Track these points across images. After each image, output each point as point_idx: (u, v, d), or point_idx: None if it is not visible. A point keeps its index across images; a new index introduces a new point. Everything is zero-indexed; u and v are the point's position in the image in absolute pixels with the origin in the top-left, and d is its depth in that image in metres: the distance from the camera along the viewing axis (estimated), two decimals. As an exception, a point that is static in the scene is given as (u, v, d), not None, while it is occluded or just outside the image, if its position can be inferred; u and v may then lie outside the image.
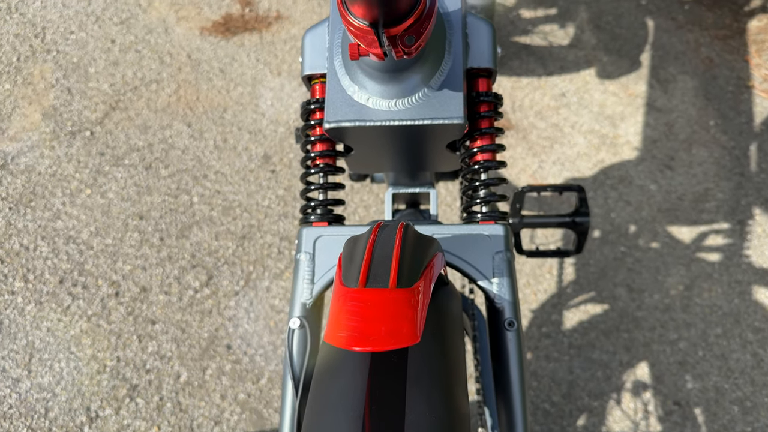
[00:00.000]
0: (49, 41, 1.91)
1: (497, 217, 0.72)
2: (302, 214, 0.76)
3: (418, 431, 0.47)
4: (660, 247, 1.60)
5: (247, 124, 1.76)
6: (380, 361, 0.49)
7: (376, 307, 0.43)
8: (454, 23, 0.71)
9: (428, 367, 0.51)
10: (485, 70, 0.72)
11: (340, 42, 0.70)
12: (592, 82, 2.02)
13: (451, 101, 0.68)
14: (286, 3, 2.16)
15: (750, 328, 1.47)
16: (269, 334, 1.37)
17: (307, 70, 0.75)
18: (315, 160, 0.76)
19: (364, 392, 0.47)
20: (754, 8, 2.32)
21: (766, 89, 2.04)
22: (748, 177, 1.78)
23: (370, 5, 0.51)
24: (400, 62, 0.63)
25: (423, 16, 0.54)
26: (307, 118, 0.76)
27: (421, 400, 0.48)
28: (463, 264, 0.70)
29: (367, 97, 0.68)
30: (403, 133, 0.70)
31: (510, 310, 0.69)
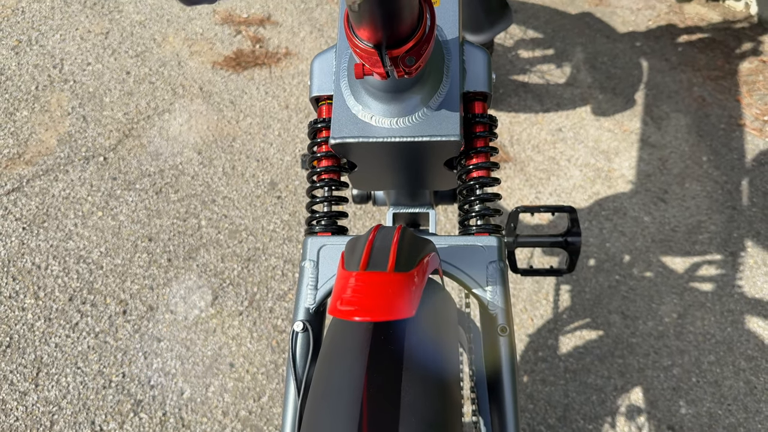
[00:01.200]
0: (67, 72, 2.00)
1: (491, 229, 0.77)
2: (307, 225, 0.80)
3: (413, 412, 0.50)
4: (654, 276, 1.64)
5: (255, 153, 1.83)
6: (378, 352, 0.53)
7: (376, 286, 0.48)
8: (452, 50, 0.77)
9: (423, 361, 0.55)
10: (481, 93, 0.78)
11: (346, 66, 0.76)
12: (588, 119, 2.09)
13: (448, 120, 0.73)
14: (294, 41, 2.26)
15: (743, 356, 1.50)
16: (271, 354, 1.40)
17: (315, 92, 0.80)
18: (320, 175, 0.80)
19: (362, 379, 0.51)
20: (744, 51, 2.42)
21: (757, 127, 2.11)
22: (740, 210, 1.83)
23: (375, 30, 0.57)
24: (402, 83, 0.69)
25: (422, 40, 0.60)
26: (314, 136, 0.81)
27: (416, 385, 0.52)
28: (459, 273, 0.74)
29: (370, 116, 0.73)
30: (403, 149, 0.75)
31: (503, 316, 0.72)
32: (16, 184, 1.66)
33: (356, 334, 0.56)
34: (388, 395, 0.51)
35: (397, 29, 0.57)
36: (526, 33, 2.47)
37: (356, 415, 0.50)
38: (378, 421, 0.50)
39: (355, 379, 0.52)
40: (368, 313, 0.46)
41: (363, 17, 0.56)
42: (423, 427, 0.50)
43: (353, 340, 0.56)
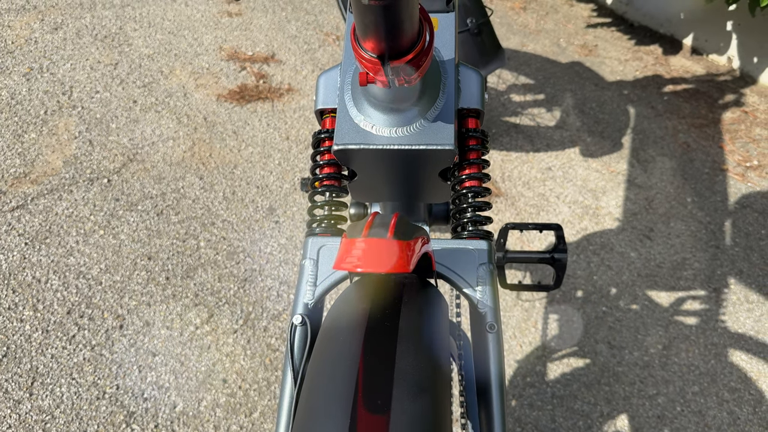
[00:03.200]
0: (76, 98, 2.07)
1: (482, 234, 0.82)
2: (308, 227, 0.85)
3: (406, 378, 0.54)
4: (639, 309, 1.68)
5: (255, 180, 1.89)
6: (374, 329, 0.57)
7: (377, 247, 0.52)
8: (448, 69, 0.84)
9: (417, 336, 0.59)
10: (474, 110, 0.84)
11: (350, 80, 0.83)
12: (576, 159, 2.17)
13: (443, 131, 0.79)
14: (296, 78, 2.35)
15: (726, 387, 1.53)
16: (264, 371, 1.42)
17: (320, 104, 0.87)
18: (322, 182, 0.86)
19: (359, 349, 0.55)
20: (727, 102, 2.53)
21: (739, 173, 2.20)
22: (723, 250, 1.89)
23: (379, 42, 0.63)
24: (402, 95, 0.75)
25: (421, 53, 0.67)
26: (317, 146, 0.87)
27: (409, 356, 0.56)
28: (451, 273, 0.78)
29: (371, 125, 0.79)
30: (401, 157, 0.80)
31: (491, 314, 0.76)
32: (21, 201, 1.71)
33: (354, 314, 0.61)
34: (382, 363, 0.55)
35: (399, 42, 0.63)
36: (518, 78, 2.58)
37: (353, 380, 0.53)
38: (373, 385, 0.53)
39: (352, 350, 0.56)
40: (370, 266, 0.50)
41: (368, 30, 0.63)
42: (415, 390, 0.54)
43: (350, 321, 0.60)
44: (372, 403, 0.51)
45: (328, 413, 0.51)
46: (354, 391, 0.52)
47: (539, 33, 2.90)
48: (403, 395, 0.53)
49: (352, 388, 0.52)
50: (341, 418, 0.49)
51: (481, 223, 0.84)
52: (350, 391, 0.52)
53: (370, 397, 0.51)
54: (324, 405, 0.52)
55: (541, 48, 2.79)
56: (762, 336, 1.65)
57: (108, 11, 2.52)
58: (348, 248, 0.54)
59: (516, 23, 2.95)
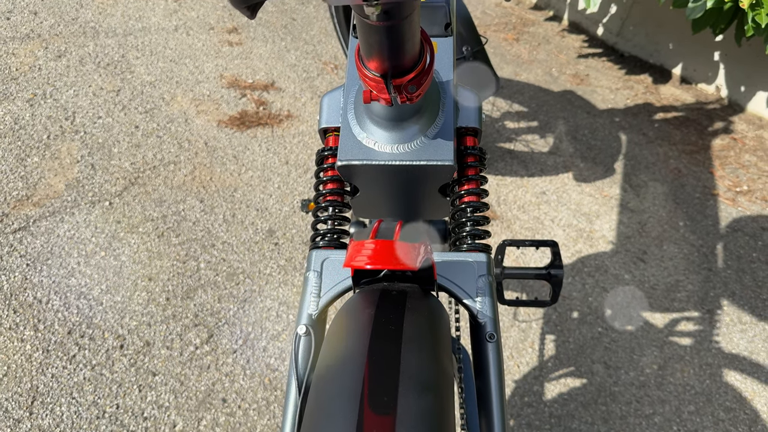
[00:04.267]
0: (78, 123, 2.10)
1: (481, 247, 0.85)
2: (312, 241, 0.87)
3: (410, 378, 0.56)
4: (635, 330, 1.71)
5: (255, 203, 1.92)
6: (379, 332, 0.59)
7: (385, 246, 0.55)
8: (447, 89, 0.88)
9: (421, 337, 0.62)
10: (472, 129, 0.88)
11: (353, 100, 0.87)
12: (570, 184, 2.21)
13: (443, 147, 0.82)
14: (296, 105, 2.40)
15: (722, 407, 1.54)
16: (263, 390, 1.43)
17: (324, 123, 0.90)
18: (326, 197, 0.89)
19: (365, 351, 0.57)
20: (716, 129, 2.59)
21: (730, 197, 2.24)
22: (716, 272, 1.92)
23: (382, 61, 0.67)
24: (403, 113, 0.79)
25: (422, 72, 0.71)
26: (321, 163, 0.90)
27: (413, 356, 0.58)
28: (451, 285, 0.81)
29: (374, 142, 0.82)
30: (402, 172, 0.84)
31: (491, 325, 0.78)
32: (23, 223, 1.73)
33: (359, 320, 0.63)
34: (388, 366, 0.57)
35: (401, 62, 0.67)
36: (511, 106, 2.63)
37: (359, 380, 0.55)
38: (378, 386, 0.55)
39: (357, 354, 0.58)
40: (379, 264, 0.53)
41: (373, 50, 0.67)
42: (419, 390, 0.56)
43: (356, 326, 0.62)
44: (378, 404, 0.52)
45: (335, 415, 0.53)
46: (360, 393, 0.53)
47: (532, 63, 2.97)
48: (408, 395, 0.55)
49: (359, 389, 0.54)
50: (348, 419, 0.51)
51: (480, 237, 0.86)
52: (357, 392, 0.53)
53: (376, 398, 0.53)
54: (331, 407, 0.54)
55: (534, 77, 2.85)
56: (755, 356, 1.67)
57: (111, 40, 2.57)
58: (357, 249, 0.56)
59: (509, 53, 3.02)
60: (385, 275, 0.75)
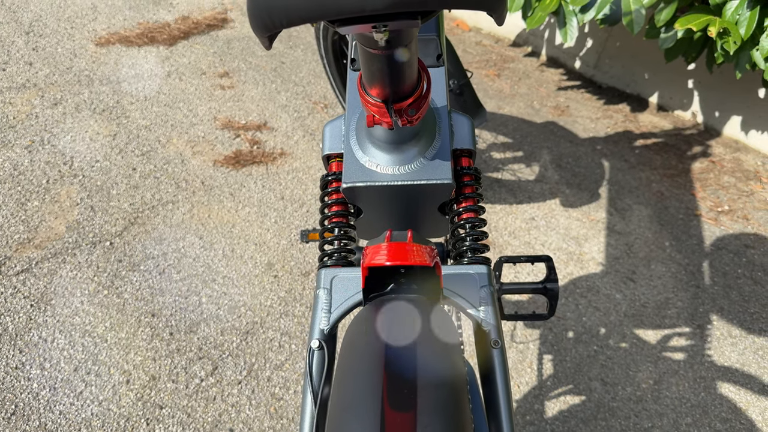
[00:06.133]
0: (76, 167, 2.15)
1: (481, 260, 0.90)
2: (320, 261, 0.92)
3: (427, 380, 0.60)
4: (629, 347, 1.75)
5: (253, 237, 1.96)
6: (392, 364, 0.62)
7: (401, 247, 0.60)
8: (442, 114, 0.95)
9: (435, 369, 0.65)
10: (467, 150, 0.94)
11: (355, 127, 0.93)
12: (557, 210, 2.28)
13: (441, 167, 0.88)
14: (288, 143, 2.46)
15: (718, 418, 1.58)
16: (269, 419, 1.45)
17: (327, 150, 0.96)
18: (331, 219, 0.94)
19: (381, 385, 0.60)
20: (695, 153, 2.69)
21: (712, 217, 2.32)
22: (704, 289, 1.98)
23: (383, 88, 0.74)
24: (403, 137, 0.85)
25: (421, 96, 0.77)
26: (325, 187, 0.95)
27: (430, 390, 0.61)
28: (455, 296, 0.85)
29: (376, 165, 0.88)
30: (404, 192, 0.89)
31: (495, 332, 0.83)
32: (26, 265, 1.75)
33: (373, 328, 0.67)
34: (405, 365, 0.60)
35: (401, 87, 0.73)
36: (497, 138, 2.72)
37: (379, 381, 0.58)
38: (398, 387, 0.58)
39: (375, 356, 0.61)
40: (398, 260, 0.57)
41: (375, 78, 0.73)
42: (436, 385, 0.59)
43: (370, 353, 0.66)
44: (398, 402, 0.56)
45: (358, 415, 0.56)
46: (380, 393, 0.57)
47: (514, 96, 3.07)
48: (426, 392, 0.58)
49: (379, 390, 0.57)
50: (371, 418, 0.55)
51: (480, 251, 0.92)
52: (377, 392, 0.57)
53: (396, 396, 0.57)
54: (354, 409, 0.57)
55: (517, 110, 2.95)
56: (747, 368, 1.72)
57: (105, 87, 2.64)
58: (375, 251, 0.61)
59: (491, 89, 3.13)
60: (393, 289, 0.79)
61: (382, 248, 0.61)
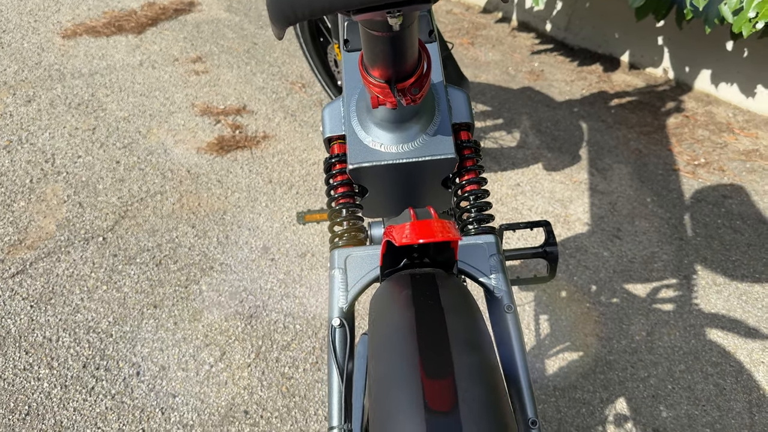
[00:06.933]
0: (59, 165, 2.13)
1: (488, 230, 0.93)
2: (331, 242, 0.94)
3: (460, 345, 0.63)
4: (620, 302, 1.81)
5: (246, 222, 1.97)
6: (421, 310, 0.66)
7: (429, 224, 0.62)
8: (439, 90, 0.97)
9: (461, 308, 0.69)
10: (465, 124, 0.96)
11: (354, 108, 0.94)
12: (541, 174, 2.33)
13: (443, 142, 0.91)
14: (270, 125, 2.46)
15: (709, 362, 1.66)
16: (282, 398, 1.48)
17: (328, 133, 0.97)
18: (338, 200, 0.96)
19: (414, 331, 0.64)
20: (669, 109, 2.74)
21: (689, 171, 2.38)
22: (687, 241, 2.05)
23: (387, 69, 0.75)
24: (404, 115, 0.87)
25: (423, 75, 0.79)
26: (329, 170, 0.97)
27: (459, 325, 0.65)
28: (467, 267, 0.88)
29: (380, 144, 0.90)
30: (408, 169, 0.91)
31: (507, 297, 0.86)
32: (20, 267, 1.74)
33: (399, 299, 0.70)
34: (436, 331, 0.63)
35: (404, 67, 0.75)
36: (476, 107, 2.75)
37: (414, 351, 0.61)
38: (432, 352, 0.61)
39: (406, 326, 0.64)
40: (429, 237, 0.60)
41: (377, 59, 0.75)
42: (469, 350, 0.63)
43: (398, 303, 0.69)
44: (435, 369, 0.59)
45: (399, 386, 0.58)
46: (417, 362, 0.59)
47: (489, 64, 3.09)
48: (461, 357, 0.61)
49: (415, 359, 0.60)
50: (413, 388, 0.57)
51: (485, 221, 0.95)
52: (414, 362, 0.60)
53: (432, 364, 0.59)
54: (393, 379, 0.60)
55: (493, 77, 2.98)
56: (732, 313, 1.80)
57: (77, 80, 2.59)
58: (401, 230, 0.63)
59: (466, 57, 3.14)
60: (406, 264, 0.82)
61: (407, 227, 0.64)
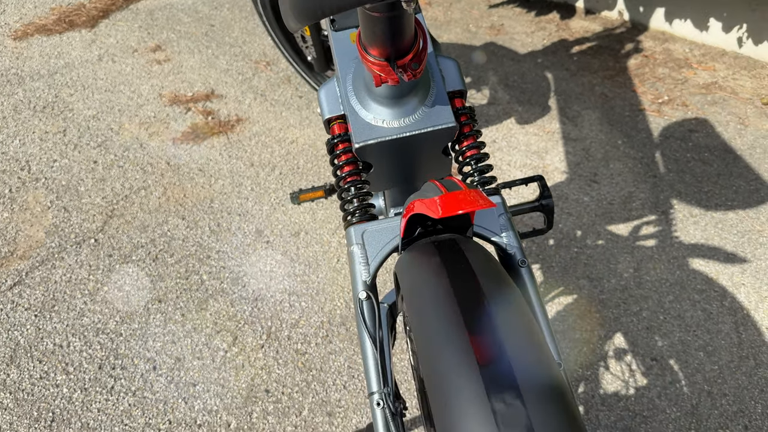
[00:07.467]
0: (36, 171, 2.09)
1: (493, 191, 0.97)
2: (345, 220, 0.97)
3: (497, 300, 0.67)
4: (605, 243, 1.90)
5: (235, 208, 1.98)
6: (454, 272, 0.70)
7: (464, 194, 0.66)
8: (431, 61, 1.00)
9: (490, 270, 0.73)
10: (458, 91, 1.00)
11: (352, 87, 0.97)
12: (515, 128, 2.38)
13: (443, 112, 0.94)
14: (242, 108, 2.45)
15: (695, 290, 1.76)
16: (300, 373, 1.53)
17: (327, 114, 1.00)
18: (346, 179, 0.99)
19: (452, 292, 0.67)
20: (628, 50, 2.81)
21: (655, 110, 2.47)
22: (660, 177, 2.14)
23: (386, 47, 0.78)
24: (402, 90, 0.90)
25: (420, 49, 0.83)
26: (332, 150, 1.00)
27: (491, 282, 0.69)
28: (479, 229, 0.93)
29: (382, 120, 0.93)
30: (411, 141, 0.95)
31: (519, 252, 0.91)
32: (16, 278, 1.74)
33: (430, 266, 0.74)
34: (474, 292, 0.67)
35: (401, 45, 0.78)
36: (443, 67, 2.77)
37: (457, 313, 0.65)
38: (475, 311, 0.65)
39: (444, 291, 0.68)
40: (468, 207, 0.63)
41: (376, 39, 0.78)
42: (506, 306, 0.67)
43: (429, 269, 0.73)
44: (480, 328, 0.63)
45: (450, 346, 0.62)
46: (462, 324, 0.63)
47: (449, 23, 3.11)
48: (501, 314, 0.65)
49: (460, 322, 0.63)
50: (463, 346, 0.61)
51: (489, 183, 0.99)
52: (459, 323, 0.63)
53: (477, 325, 0.63)
54: (441, 342, 0.63)
55: (455, 36, 3.00)
56: (711, 242, 1.90)
57: (38, 82, 2.53)
58: (433, 203, 0.67)
59: (426, 18, 3.15)
60: (421, 233, 0.86)
61: (444, 198, 0.67)
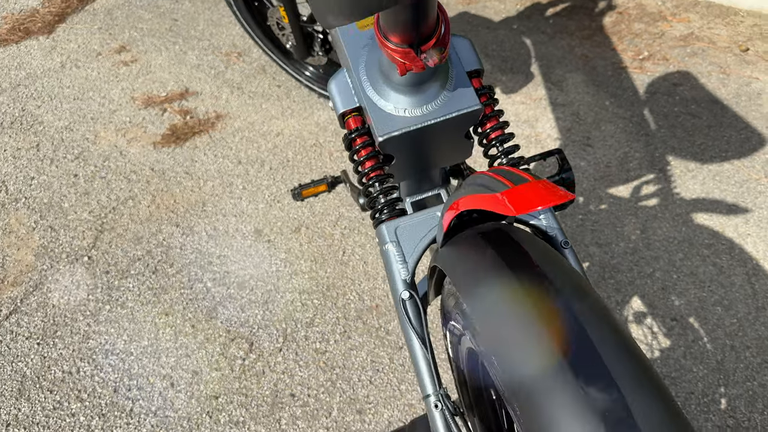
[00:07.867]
0: (14, 191, 1.99)
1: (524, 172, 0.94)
2: (373, 218, 0.93)
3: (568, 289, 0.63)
4: (608, 207, 1.89)
5: (229, 209, 1.92)
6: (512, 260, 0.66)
7: (535, 187, 0.61)
8: (446, 43, 0.95)
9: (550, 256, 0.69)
10: (475, 71, 0.96)
11: (367, 78, 0.92)
12: (502, 98, 2.35)
13: (466, 95, 0.90)
14: (219, 104, 2.37)
15: (703, 245, 1.76)
16: (322, 374, 1.50)
17: (341, 108, 0.94)
18: (369, 175, 0.94)
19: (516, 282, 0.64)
20: (602, 9, 2.79)
21: (636, 66, 2.45)
22: (652, 135, 2.13)
23: (410, 34, 0.73)
24: (422, 76, 0.85)
25: (444, 32, 0.78)
26: (350, 146, 0.95)
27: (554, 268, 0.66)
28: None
29: (403, 110, 0.89)
30: (436, 129, 0.90)
31: (560, 233, 0.87)
32: (11, 306, 1.66)
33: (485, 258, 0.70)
34: (539, 280, 0.64)
35: (424, 29, 0.73)
36: (420, 42, 2.71)
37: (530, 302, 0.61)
38: (548, 298, 0.61)
39: (508, 282, 0.64)
40: (548, 202, 0.59)
41: (400, 26, 0.73)
42: (577, 293, 0.64)
43: (485, 262, 0.69)
44: (552, 313, 0.59)
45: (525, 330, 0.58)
46: (534, 307, 0.60)
47: (418, -4, 3.04)
48: (575, 301, 0.61)
49: (531, 306, 0.60)
50: (540, 329, 0.57)
51: (518, 164, 0.96)
52: (531, 307, 0.60)
53: (547, 308, 0.60)
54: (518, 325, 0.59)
55: (427, 9, 2.93)
56: (711, 195, 1.90)
57: (1, 97, 2.40)
58: (499, 200, 0.62)
59: (394, -7, 3.07)
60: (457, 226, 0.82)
61: (515, 192, 0.63)
